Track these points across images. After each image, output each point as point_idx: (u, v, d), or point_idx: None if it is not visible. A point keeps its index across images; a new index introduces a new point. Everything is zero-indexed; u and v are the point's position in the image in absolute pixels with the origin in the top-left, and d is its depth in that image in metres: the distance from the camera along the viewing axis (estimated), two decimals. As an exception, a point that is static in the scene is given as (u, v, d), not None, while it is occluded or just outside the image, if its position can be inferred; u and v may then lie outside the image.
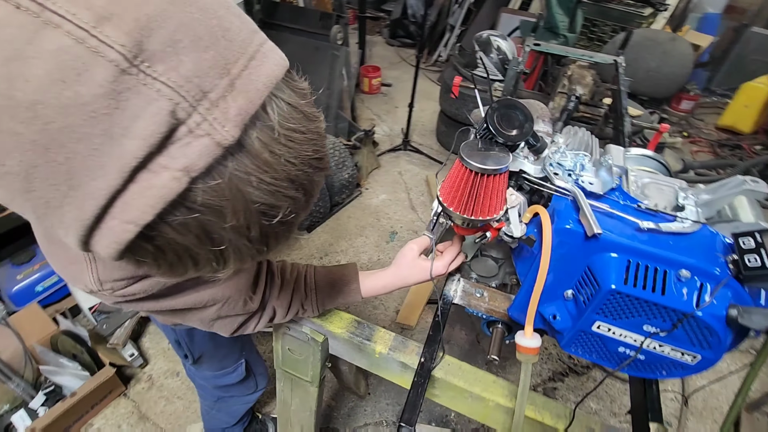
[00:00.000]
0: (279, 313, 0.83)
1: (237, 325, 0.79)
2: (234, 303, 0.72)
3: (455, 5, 4.86)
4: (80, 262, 0.58)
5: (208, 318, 0.73)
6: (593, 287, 0.64)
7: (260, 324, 0.82)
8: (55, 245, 0.61)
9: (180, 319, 0.75)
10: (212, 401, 1.40)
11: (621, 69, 1.91)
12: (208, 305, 0.70)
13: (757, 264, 0.56)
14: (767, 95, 3.89)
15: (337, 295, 0.89)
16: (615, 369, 0.69)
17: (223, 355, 1.21)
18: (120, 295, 0.60)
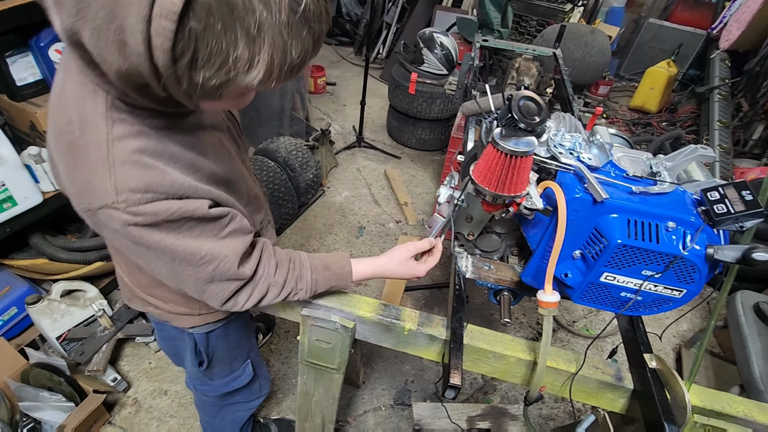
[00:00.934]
0: (272, 292, 0.84)
1: (229, 294, 0.78)
2: (229, 264, 0.74)
3: (389, 3, 4.99)
4: (100, 167, 0.59)
5: (203, 278, 0.73)
6: (601, 244, 0.77)
7: (251, 299, 0.82)
8: (78, 153, 0.61)
9: (177, 280, 0.75)
10: (214, 412, 1.41)
11: (560, 60, 2.13)
12: (205, 261, 0.71)
13: (723, 210, 0.72)
14: (667, 78, 4.46)
15: (330, 277, 0.92)
16: (619, 312, 0.83)
17: (234, 356, 1.23)
18: (132, 212, 0.61)
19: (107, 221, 0.62)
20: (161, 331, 1.20)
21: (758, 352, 1.65)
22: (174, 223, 0.66)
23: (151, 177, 0.62)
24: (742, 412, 0.89)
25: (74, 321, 1.84)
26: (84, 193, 0.61)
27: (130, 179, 0.60)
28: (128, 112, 0.61)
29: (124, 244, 0.67)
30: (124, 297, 1.10)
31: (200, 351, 1.13)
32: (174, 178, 0.65)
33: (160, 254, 0.68)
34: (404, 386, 1.98)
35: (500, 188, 0.74)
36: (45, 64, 1.65)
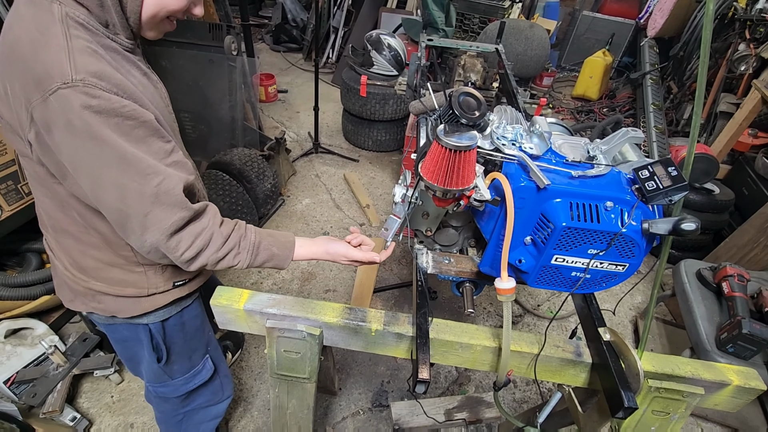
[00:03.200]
0: (215, 242, 0.83)
1: (172, 224, 0.76)
2: (173, 184, 0.76)
3: (335, 7, 4.99)
4: (61, 53, 0.65)
5: (148, 194, 0.73)
6: (549, 228, 0.81)
7: (193, 245, 0.80)
8: (38, 48, 0.66)
9: (121, 198, 0.73)
10: (177, 421, 1.35)
11: (503, 55, 2.21)
12: (151, 172, 0.73)
13: (653, 187, 0.78)
14: (604, 66, 4.72)
15: (273, 243, 0.93)
16: (572, 291, 0.88)
17: (192, 348, 1.20)
18: (89, 93, 0.65)
19: (62, 107, 0.65)
20: (112, 333, 1.13)
21: (703, 315, 1.78)
22: (126, 123, 0.70)
23: (104, 68, 0.69)
24: (690, 372, 0.96)
25: (23, 362, 1.72)
26: (42, 80, 0.65)
27: (88, 64, 0.67)
28: (80, 26, 0.70)
29: (76, 141, 0.68)
30: (66, 299, 1.05)
31: (157, 344, 1.10)
32: (123, 81, 0.72)
33: (109, 153, 0.69)
34: (380, 388, 1.99)
35: (448, 183, 0.76)
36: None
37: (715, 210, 2.60)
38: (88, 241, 0.89)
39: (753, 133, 2.90)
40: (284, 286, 2.41)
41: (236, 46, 2.98)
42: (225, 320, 1.04)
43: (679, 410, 0.98)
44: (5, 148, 1.64)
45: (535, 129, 0.87)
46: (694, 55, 3.69)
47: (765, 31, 2.99)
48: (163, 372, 1.17)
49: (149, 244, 0.78)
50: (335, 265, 2.57)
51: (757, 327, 1.57)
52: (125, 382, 1.89)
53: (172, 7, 0.77)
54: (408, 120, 3.24)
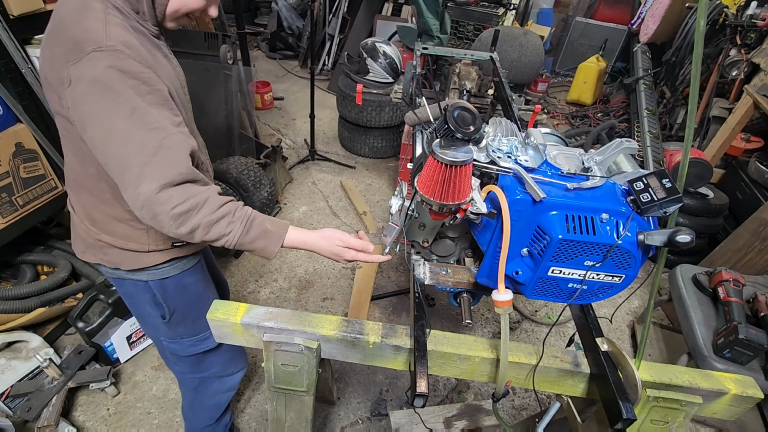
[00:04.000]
0: (209, 205, 0.83)
1: (167, 177, 0.78)
2: (177, 141, 0.82)
3: (330, 15, 5.02)
4: (98, 23, 0.80)
5: (151, 145, 0.78)
6: (545, 240, 0.81)
7: (187, 202, 0.80)
8: (80, 17, 0.80)
9: (125, 146, 0.78)
10: (194, 387, 1.41)
11: (497, 63, 2.23)
12: (157, 126, 0.80)
13: (648, 199, 0.78)
14: (598, 72, 4.76)
15: (266, 219, 0.93)
16: (569, 302, 0.88)
17: (196, 314, 1.22)
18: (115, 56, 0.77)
19: (92, 65, 0.76)
20: (120, 288, 1.19)
21: (700, 320, 1.79)
22: (142, 86, 0.80)
23: (132, 40, 0.83)
24: (688, 381, 0.96)
25: (17, 375, 1.71)
26: (81, 43, 0.78)
27: (118, 35, 0.80)
28: (116, 9, 0.85)
29: (95, 91, 0.77)
30: (78, 251, 1.13)
31: (159, 301, 1.15)
32: (147, 54, 0.85)
33: (122, 104, 0.77)
34: (379, 396, 1.98)
35: (444, 197, 0.76)
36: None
37: (710, 214, 2.62)
38: (99, 195, 0.98)
39: (745, 137, 2.93)
40: (282, 294, 2.40)
41: (232, 54, 2.98)
42: (222, 334, 1.03)
43: (677, 419, 0.98)
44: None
45: (530, 141, 0.88)
46: (686, 60, 3.73)
47: (756, 36, 3.03)
48: (169, 330, 1.22)
49: (142, 196, 0.78)
50: (333, 273, 2.57)
51: (754, 332, 1.58)
52: (121, 395, 1.88)
53: (192, 6, 0.91)
54: (404, 127, 3.25)
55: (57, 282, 1.93)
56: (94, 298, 1.87)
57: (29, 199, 1.78)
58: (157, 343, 1.33)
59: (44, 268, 2.05)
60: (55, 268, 2.01)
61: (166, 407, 1.85)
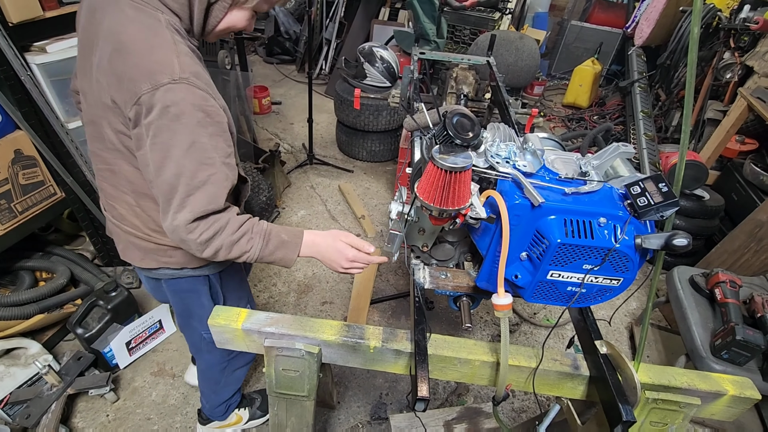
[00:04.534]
0: (231, 225, 0.92)
1: (202, 210, 0.88)
2: (221, 179, 0.89)
3: (327, 20, 5.04)
4: (171, 55, 0.83)
5: (199, 179, 0.86)
6: (544, 245, 0.82)
7: (213, 226, 0.90)
8: (151, 46, 0.82)
9: (175, 177, 0.85)
10: (222, 369, 1.52)
11: (494, 67, 2.24)
12: (209, 162, 0.86)
13: (645, 203, 0.79)
14: (593, 75, 4.79)
15: (282, 231, 1.01)
16: (568, 305, 0.89)
17: (240, 296, 1.38)
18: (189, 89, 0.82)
19: (168, 97, 0.80)
20: (175, 287, 1.24)
21: (697, 321, 1.80)
22: (207, 119, 0.84)
23: (200, 70, 0.87)
24: (686, 383, 0.97)
25: (16, 382, 1.70)
26: (155, 74, 0.80)
27: (189, 65, 0.84)
28: (176, 32, 0.87)
29: (163, 121, 0.82)
30: (135, 259, 1.16)
31: (217, 291, 1.26)
32: (211, 82, 0.89)
33: (184, 136, 0.83)
34: (379, 400, 1.98)
35: (444, 203, 0.77)
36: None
37: (706, 216, 2.64)
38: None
39: (740, 139, 2.96)
40: (281, 299, 2.40)
41: (230, 60, 3.00)
42: (223, 340, 1.04)
43: (676, 421, 0.99)
44: (-2, 167, 1.63)
45: (528, 146, 0.89)
46: (680, 63, 3.76)
47: (749, 39, 3.06)
48: (201, 323, 1.29)
49: (177, 223, 0.88)
50: (332, 277, 2.57)
51: (750, 333, 1.59)
52: (120, 401, 1.87)
53: (239, 25, 0.97)
54: (402, 131, 3.27)
55: (56, 288, 1.92)
56: (93, 304, 1.87)
57: (28, 206, 1.77)
58: (195, 337, 1.40)
59: (43, 274, 2.05)
60: (53, 275, 2.00)
61: (166, 413, 1.84)
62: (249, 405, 1.79)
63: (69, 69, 1.81)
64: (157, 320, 2.05)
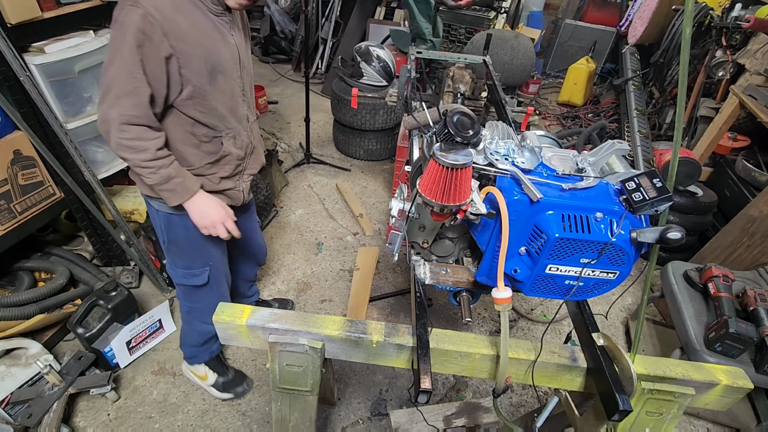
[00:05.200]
0: (145, 154, 1.12)
1: (131, 115, 1.08)
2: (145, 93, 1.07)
3: (323, 19, 5.04)
4: None
5: (127, 86, 1.05)
6: (542, 239, 0.84)
7: (133, 141, 1.10)
8: None
9: (116, 73, 1.05)
10: (186, 311, 1.68)
11: (490, 66, 2.26)
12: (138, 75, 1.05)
13: (640, 198, 0.82)
14: (587, 73, 4.83)
15: (176, 186, 1.22)
16: (566, 299, 0.91)
17: (194, 254, 1.49)
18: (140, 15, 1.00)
19: (120, 14, 1.01)
20: (148, 209, 1.43)
21: (691, 315, 1.83)
22: (146, 42, 1.02)
23: (162, 6, 1.03)
24: (681, 373, 1.00)
25: (17, 382, 1.71)
26: None
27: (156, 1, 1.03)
28: None
29: (114, 31, 1.03)
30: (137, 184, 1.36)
31: (162, 230, 1.42)
32: (176, 20, 1.05)
33: (124, 48, 1.01)
34: (379, 396, 2.00)
35: (445, 199, 0.79)
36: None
37: (699, 212, 2.68)
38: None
39: (732, 136, 3.00)
40: (280, 296, 2.42)
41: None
42: (227, 336, 1.05)
43: (671, 410, 1.02)
44: (-2, 168, 1.63)
45: (526, 144, 0.91)
46: (673, 61, 3.80)
47: (740, 38, 3.10)
48: (167, 255, 1.51)
49: (107, 117, 1.07)
50: (331, 276, 2.59)
51: (743, 326, 1.62)
52: (121, 400, 1.88)
53: None
54: (399, 129, 3.28)
55: (55, 288, 1.93)
56: (93, 303, 1.88)
57: (27, 206, 1.78)
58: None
59: (42, 274, 2.05)
60: (53, 275, 2.00)
61: (167, 411, 1.85)
62: (220, 373, 1.88)
63: (68, 69, 1.81)
64: (157, 319, 2.06)
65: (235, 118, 1.30)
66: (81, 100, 1.92)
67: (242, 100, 1.31)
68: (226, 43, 1.19)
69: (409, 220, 0.98)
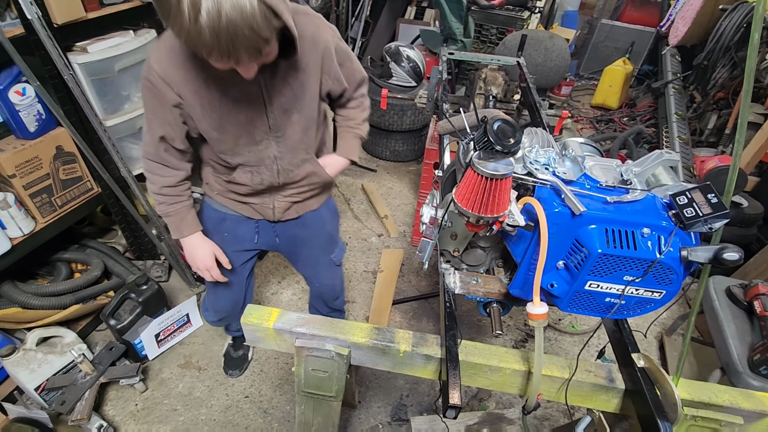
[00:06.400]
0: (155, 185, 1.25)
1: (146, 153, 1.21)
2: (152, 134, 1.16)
3: (353, 18, 5.05)
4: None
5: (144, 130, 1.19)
6: (583, 254, 0.80)
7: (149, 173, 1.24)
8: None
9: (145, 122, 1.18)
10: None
11: (524, 68, 2.20)
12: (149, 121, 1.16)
13: (692, 214, 0.76)
14: (624, 75, 4.66)
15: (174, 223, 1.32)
16: (605, 317, 0.86)
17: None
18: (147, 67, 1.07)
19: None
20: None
21: (734, 334, 1.73)
22: (147, 91, 1.10)
23: (161, 57, 1.06)
24: (728, 401, 0.94)
25: (53, 369, 1.77)
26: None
27: (157, 54, 1.06)
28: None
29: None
30: None
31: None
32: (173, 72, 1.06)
33: (142, 93, 1.13)
34: (399, 401, 1.98)
35: (483, 210, 0.76)
36: (5, 107, 1.59)
37: (744, 224, 2.53)
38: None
39: (782, 144, 2.82)
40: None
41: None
42: (254, 338, 1.05)
43: (716, 439, 0.96)
44: (41, 163, 1.70)
45: (568, 153, 0.87)
46: (718, 63, 3.62)
47: (794, 40, 2.92)
48: None
49: (143, 151, 1.21)
50: (354, 277, 2.58)
51: (793, 349, 1.52)
52: (149, 391, 1.92)
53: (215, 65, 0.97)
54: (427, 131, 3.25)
55: (90, 280, 1.99)
56: (125, 296, 1.93)
57: (67, 200, 1.84)
58: None
59: (78, 266, 2.12)
60: (88, 267, 2.07)
61: (191, 405, 1.89)
62: (234, 347, 2.06)
63: (108, 68, 1.86)
64: (185, 314, 2.10)
65: (255, 158, 1.23)
66: (119, 98, 1.97)
67: (269, 139, 1.20)
68: (244, 87, 1.07)
69: (442, 228, 0.96)
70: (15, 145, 1.64)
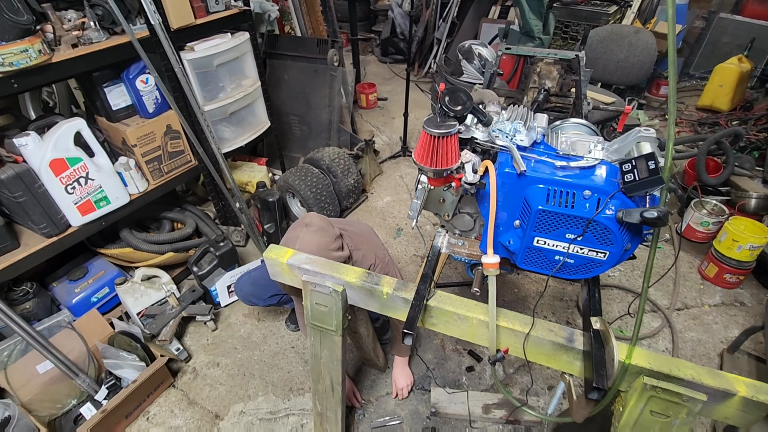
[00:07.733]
0: None
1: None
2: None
3: (440, 20, 5.22)
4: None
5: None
6: (528, 212, 0.90)
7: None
8: None
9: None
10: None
11: (582, 62, 2.18)
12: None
13: (631, 179, 0.82)
14: (738, 74, 4.13)
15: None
16: (551, 273, 0.94)
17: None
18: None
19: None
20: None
21: (794, 352, 1.56)
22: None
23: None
24: (691, 375, 0.94)
25: (151, 301, 2.25)
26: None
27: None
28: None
29: None
30: None
31: None
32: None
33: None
34: (425, 373, 2.11)
35: (432, 163, 0.90)
36: (133, 92, 2.09)
37: None
38: None
39: None
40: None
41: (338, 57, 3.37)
42: (274, 272, 1.31)
43: (680, 415, 0.96)
44: (155, 137, 2.18)
45: (531, 124, 0.96)
46: None
47: None
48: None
49: None
50: (404, 259, 2.76)
51: None
52: (218, 331, 2.33)
53: None
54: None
55: (184, 236, 2.47)
56: (206, 250, 2.36)
57: (171, 168, 2.32)
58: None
59: (177, 225, 2.63)
60: (184, 225, 2.56)
61: (249, 346, 2.24)
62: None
63: (209, 63, 2.31)
64: (253, 272, 2.48)
65: None
66: (216, 89, 2.42)
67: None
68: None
69: (425, 190, 1.11)
70: (138, 123, 2.14)
